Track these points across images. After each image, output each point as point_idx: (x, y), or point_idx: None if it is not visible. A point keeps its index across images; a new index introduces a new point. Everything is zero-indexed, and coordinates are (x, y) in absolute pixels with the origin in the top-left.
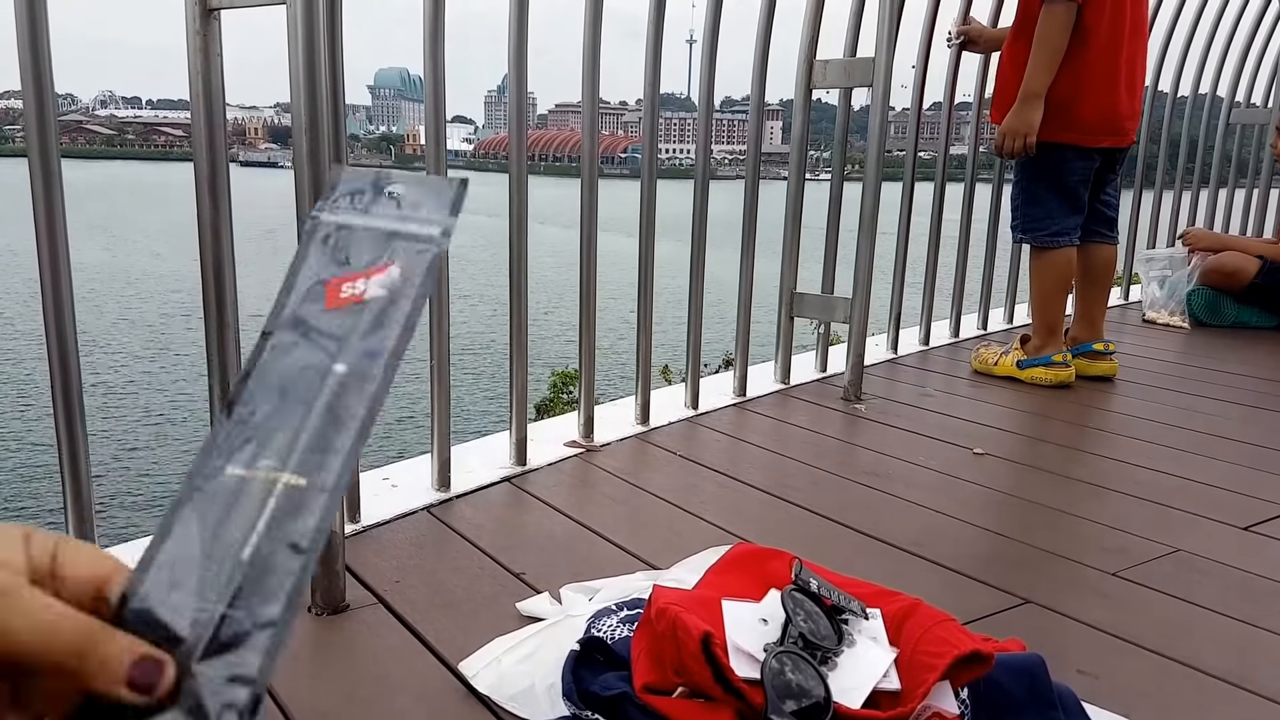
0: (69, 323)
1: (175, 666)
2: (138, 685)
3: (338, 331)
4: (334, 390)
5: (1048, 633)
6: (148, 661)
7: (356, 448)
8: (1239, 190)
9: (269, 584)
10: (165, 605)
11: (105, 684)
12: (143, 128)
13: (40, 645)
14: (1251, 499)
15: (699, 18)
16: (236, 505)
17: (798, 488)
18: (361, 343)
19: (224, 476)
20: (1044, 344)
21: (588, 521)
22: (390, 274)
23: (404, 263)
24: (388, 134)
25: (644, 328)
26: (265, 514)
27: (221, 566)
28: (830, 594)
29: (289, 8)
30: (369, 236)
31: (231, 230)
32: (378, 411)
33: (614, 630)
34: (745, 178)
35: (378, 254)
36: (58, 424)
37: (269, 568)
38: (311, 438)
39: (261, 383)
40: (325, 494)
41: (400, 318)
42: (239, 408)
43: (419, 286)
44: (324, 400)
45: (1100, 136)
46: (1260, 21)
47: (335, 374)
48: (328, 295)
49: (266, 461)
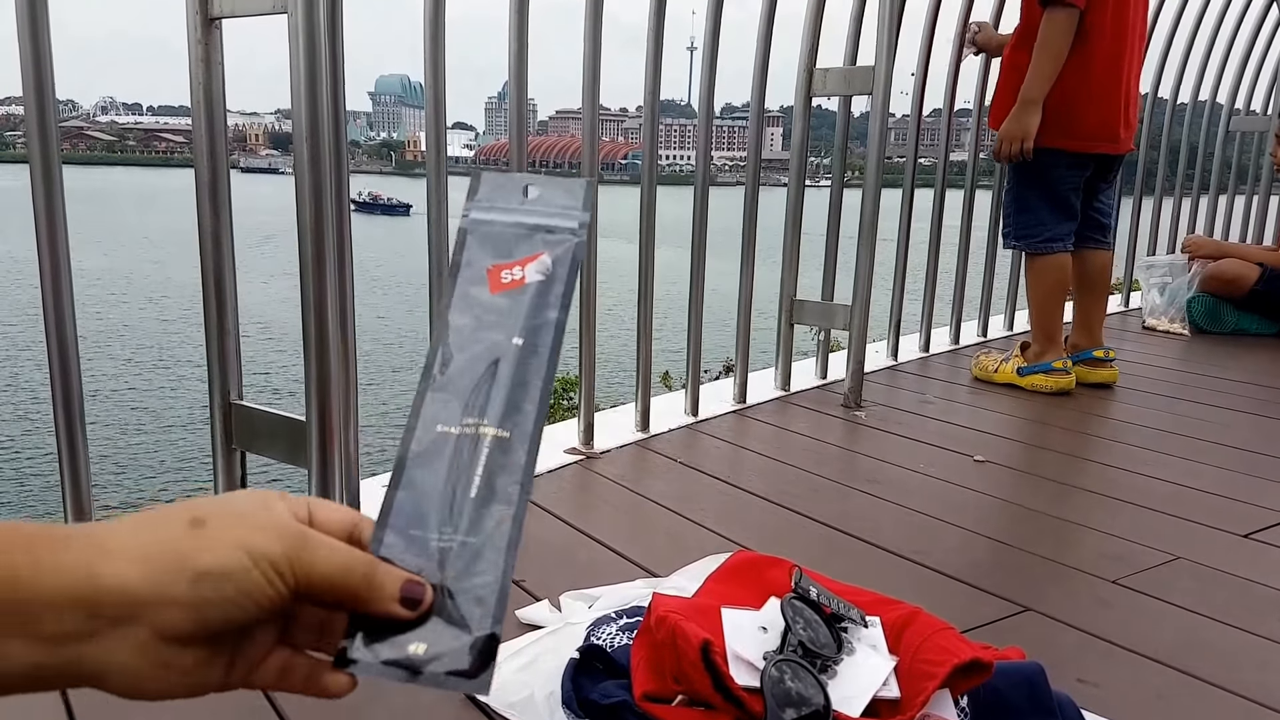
0: (69, 328)
1: (432, 587)
2: (407, 602)
3: (506, 310)
4: (515, 360)
5: (1047, 641)
6: (414, 584)
7: (543, 405)
8: (1239, 197)
9: (496, 513)
10: (409, 541)
11: (384, 605)
12: (143, 134)
13: (338, 576)
14: (1251, 506)
15: (699, 25)
16: (455, 455)
17: (798, 495)
18: (530, 320)
19: (436, 434)
20: (1044, 350)
21: (587, 528)
22: (543, 261)
23: (552, 252)
24: (389, 140)
25: (644, 334)
26: (481, 459)
27: (452, 505)
28: (830, 602)
29: (290, 16)
30: (517, 231)
31: (232, 237)
32: (552, 374)
33: (613, 638)
34: (745, 184)
35: (528, 245)
36: (58, 430)
37: (492, 500)
38: (504, 399)
39: (451, 356)
40: (527, 439)
41: (557, 298)
42: (437, 377)
43: (568, 271)
44: (508, 368)
45: (1096, 143)
46: (1260, 28)
47: (514, 346)
48: (490, 281)
49: (471, 419)
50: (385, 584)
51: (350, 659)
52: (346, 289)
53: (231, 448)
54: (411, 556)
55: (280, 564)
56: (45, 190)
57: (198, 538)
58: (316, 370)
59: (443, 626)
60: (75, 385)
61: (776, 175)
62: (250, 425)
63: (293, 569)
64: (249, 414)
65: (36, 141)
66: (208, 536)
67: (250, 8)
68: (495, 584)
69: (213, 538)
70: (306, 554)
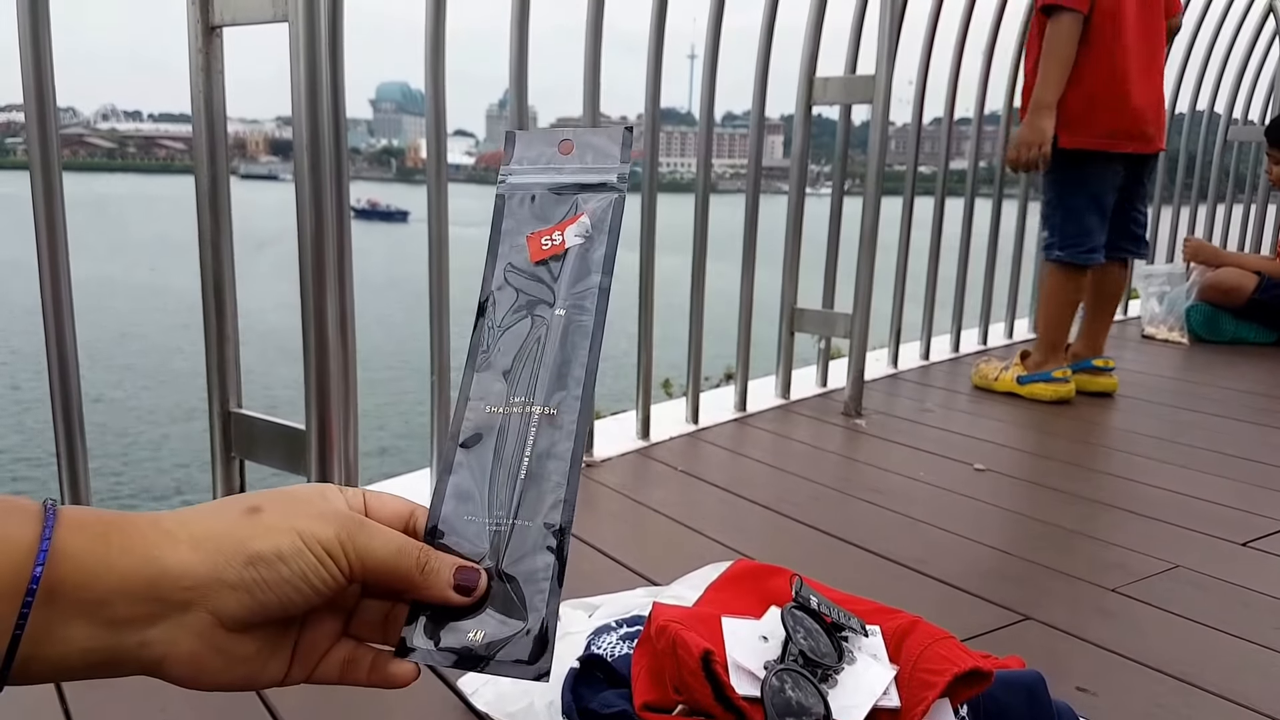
0: (69, 336)
1: (487, 573)
2: (461, 589)
3: (548, 280)
4: (560, 332)
5: (1047, 649)
6: (468, 570)
7: (590, 379)
8: (1237, 206)
9: (545, 492)
10: (464, 526)
11: (438, 591)
12: (144, 140)
13: (393, 562)
14: (1250, 514)
15: (700, 33)
16: (502, 437)
17: (798, 503)
18: (571, 288)
19: (484, 416)
20: (1045, 359)
21: (588, 537)
22: (582, 223)
23: (591, 210)
24: (390, 147)
25: (644, 342)
26: (530, 439)
27: (504, 487)
28: (830, 611)
29: (291, 26)
30: (554, 191)
31: (232, 245)
32: (599, 343)
33: (614, 647)
34: (746, 191)
35: (566, 206)
36: (57, 439)
37: (542, 479)
38: (551, 374)
39: (495, 334)
40: (575, 415)
41: (599, 260)
42: (481, 357)
43: (609, 229)
44: (554, 342)
45: (1121, 142)
46: (1257, 38)
47: (557, 318)
48: (530, 249)
49: (519, 398)
50: (440, 569)
51: (410, 647)
52: (346, 298)
53: (230, 456)
54: (466, 541)
55: (333, 548)
56: (45, 197)
57: (254, 524)
58: (316, 379)
59: (500, 612)
60: (74, 394)
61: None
62: (249, 433)
63: (346, 553)
64: (248, 422)
65: (37, 148)
66: (263, 523)
67: (251, 17)
68: (549, 568)
69: (268, 524)
70: (362, 538)
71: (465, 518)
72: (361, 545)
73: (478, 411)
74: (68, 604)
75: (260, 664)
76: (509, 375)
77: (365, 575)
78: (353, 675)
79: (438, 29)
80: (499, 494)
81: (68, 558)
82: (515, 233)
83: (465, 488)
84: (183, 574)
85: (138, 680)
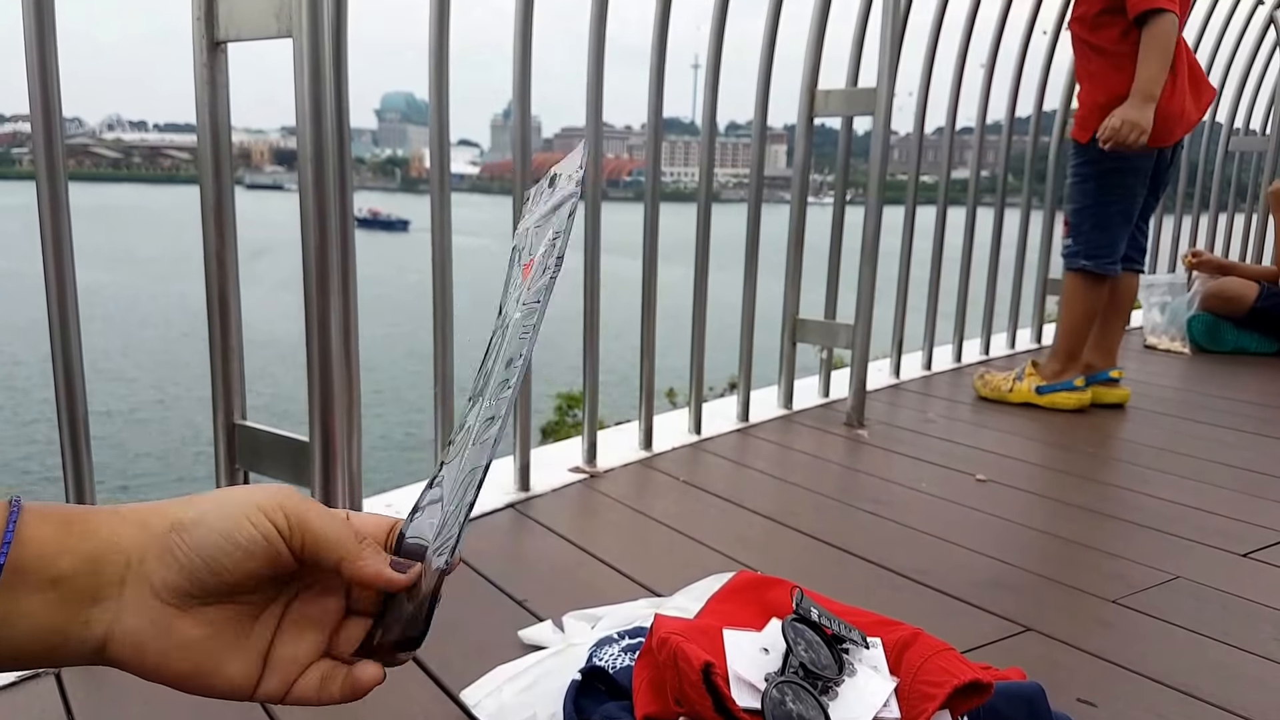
0: (75, 345)
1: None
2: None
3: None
4: (509, 337)
5: (1048, 660)
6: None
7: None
8: (1239, 215)
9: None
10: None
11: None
12: (149, 150)
13: (334, 538)
14: (1251, 525)
15: (703, 42)
16: (463, 444)
17: (800, 514)
18: (530, 289)
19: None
20: (1064, 369)
21: (591, 548)
22: (550, 239)
23: (556, 223)
24: (394, 157)
25: (647, 353)
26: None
27: (454, 492)
28: (831, 623)
29: (295, 41)
30: (541, 221)
31: (236, 259)
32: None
33: (615, 659)
34: (748, 201)
35: (547, 230)
36: (63, 446)
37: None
38: (498, 379)
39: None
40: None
41: (551, 263)
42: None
43: (562, 234)
44: (507, 344)
45: (1160, 136)
46: (1258, 49)
47: (513, 321)
48: (525, 278)
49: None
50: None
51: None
52: (350, 310)
53: (235, 467)
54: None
55: (270, 509)
56: (51, 206)
57: (190, 500)
58: (320, 391)
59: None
60: (80, 403)
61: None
62: (254, 445)
63: (286, 515)
64: (253, 434)
65: (43, 158)
66: (199, 499)
67: (255, 32)
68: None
69: (204, 498)
70: (302, 506)
71: (428, 522)
72: (301, 510)
73: (459, 427)
74: (28, 585)
75: (211, 655)
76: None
77: (305, 541)
78: (328, 692)
79: (441, 40)
80: (451, 500)
81: (30, 542)
82: (517, 270)
83: (436, 498)
84: (115, 544)
85: (139, 684)
